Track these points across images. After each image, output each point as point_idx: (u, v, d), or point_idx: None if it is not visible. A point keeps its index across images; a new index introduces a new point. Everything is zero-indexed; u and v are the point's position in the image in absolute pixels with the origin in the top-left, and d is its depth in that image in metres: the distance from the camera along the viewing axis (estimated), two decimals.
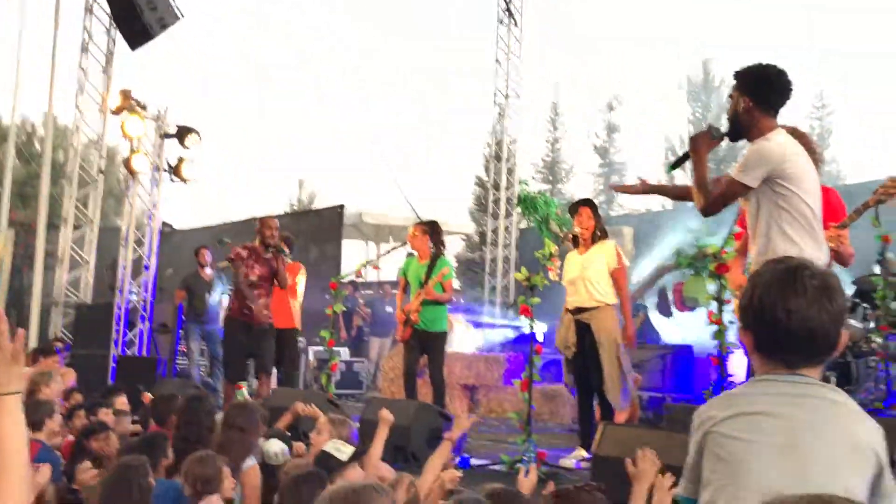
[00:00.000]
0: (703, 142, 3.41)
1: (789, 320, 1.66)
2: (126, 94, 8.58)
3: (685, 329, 10.02)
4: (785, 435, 1.62)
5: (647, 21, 49.28)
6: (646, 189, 3.95)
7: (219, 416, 3.91)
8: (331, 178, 53.07)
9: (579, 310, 5.70)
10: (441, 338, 6.81)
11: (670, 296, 11.05)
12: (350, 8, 56.46)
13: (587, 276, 5.66)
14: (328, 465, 3.17)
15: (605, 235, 5.85)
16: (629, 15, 48.29)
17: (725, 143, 3.62)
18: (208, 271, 9.44)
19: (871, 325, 6.88)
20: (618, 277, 5.68)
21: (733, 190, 3.36)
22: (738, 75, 3.41)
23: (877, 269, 6.60)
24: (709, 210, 3.41)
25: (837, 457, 1.60)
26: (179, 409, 3.85)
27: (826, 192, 4.13)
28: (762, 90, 3.35)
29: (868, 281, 6.86)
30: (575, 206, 6.00)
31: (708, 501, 1.66)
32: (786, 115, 3.45)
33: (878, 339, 6.62)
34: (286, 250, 7.24)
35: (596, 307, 5.62)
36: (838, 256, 3.68)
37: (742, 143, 3.53)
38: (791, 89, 3.37)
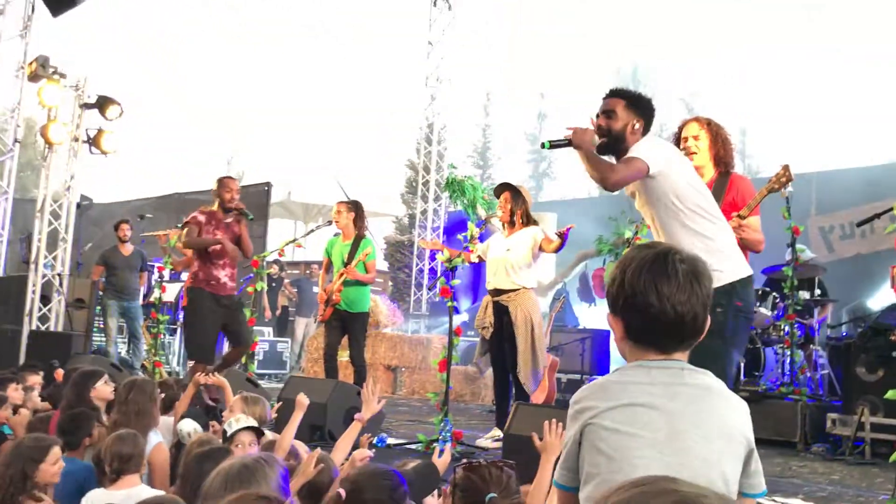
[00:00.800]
0: (583, 137, 3.32)
1: (662, 305, 1.66)
2: (44, 62, 8.29)
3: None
4: (665, 429, 1.64)
5: (581, 12, 49.74)
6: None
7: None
8: (261, 156, 52.14)
9: (498, 291, 5.80)
10: (362, 318, 6.81)
11: (591, 282, 11.29)
12: None
13: (509, 259, 5.74)
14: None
15: (529, 220, 5.92)
16: (563, 4, 48.67)
17: None
18: (128, 246, 9.23)
19: (780, 313, 7.17)
20: (545, 247, 5.76)
21: (634, 167, 3.28)
22: (633, 98, 3.45)
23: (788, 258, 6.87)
24: (607, 187, 3.37)
25: (715, 447, 1.65)
26: (119, 393, 3.79)
27: (740, 179, 4.29)
28: (649, 117, 3.45)
29: (778, 271, 7.14)
30: (498, 191, 6.06)
31: (590, 495, 1.64)
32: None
33: (786, 327, 6.91)
34: (249, 214, 6.50)
35: (514, 290, 5.73)
36: (743, 243, 3.80)
37: None
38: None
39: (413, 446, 5.37)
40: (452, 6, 14.90)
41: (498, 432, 5.51)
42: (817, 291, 7.75)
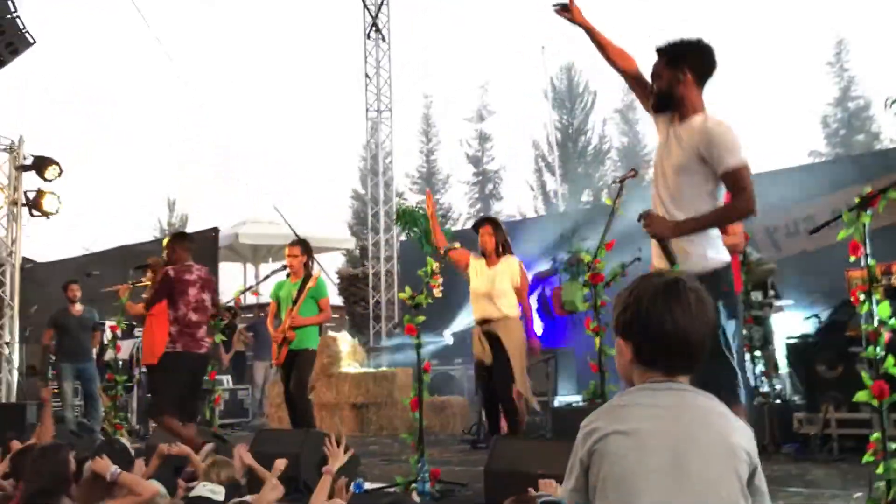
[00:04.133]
0: (662, 226, 3.24)
1: (675, 332, 1.76)
2: None
3: (563, 331, 10.34)
4: (670, 455, 1.70)
5: (513, 29, 50.45)
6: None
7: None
8: (202, 197, 51.46)
9: (486, 321, 6.00)
10: (306, 355, 6.67)
11: (550, 301, 11.34)
12: (216, 21, 55.14)
13: (496, 289, 6.00)
14: None
15: (508, 249, 6.22)
16: (495, 24, 49.27)
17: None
18: (78, 307, 9.00)
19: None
20: (521, 292, 6.08)
21: (747, 174, 3.19)
22: (670, 49, 3.36)
23: None
24: (753, 208, 3.21)
25: (719, 470, 1.71)
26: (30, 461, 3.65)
27: None
28: (699, 61, 3.34)
29: None
30: (477, 225, 6.35)
31: None
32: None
33: (744, 332, 7.02)
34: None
35: (503, 318, 5.97)
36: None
37: None
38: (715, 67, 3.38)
39: (391, 490, 5.30)
40: (386, 37, 15.00)
41: None
42: (770, 292, 7.90)
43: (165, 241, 6.57)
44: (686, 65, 3.32)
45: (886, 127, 25.46)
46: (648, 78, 3.48)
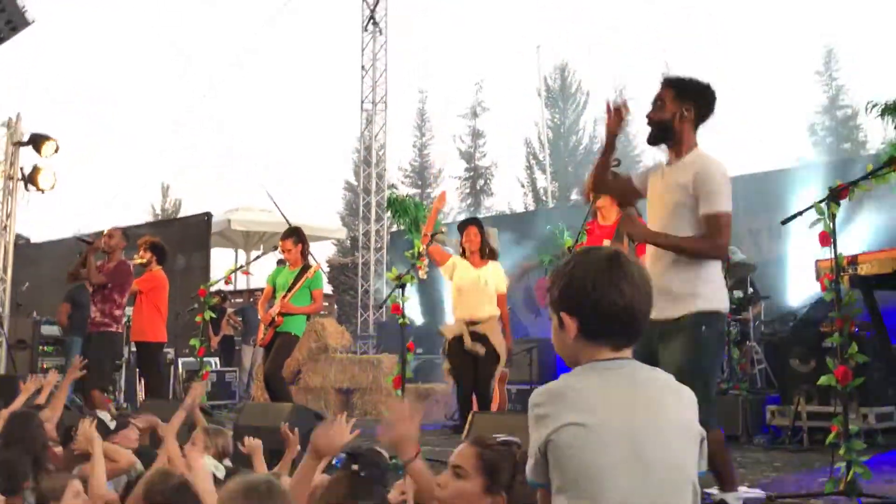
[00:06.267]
0: (631, 226, 3.39)
1: (624, 304, 1.77)
2: None
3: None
4: (628, 445, 1.70)
5: (509, 28, 50.57)
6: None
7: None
8: (197, 183, 51.42)
9: (475, 321, 6.09)
10: (288, 338, 6.75)
11: (534, 293, 11.51)
12: (214, 10, 55.05)
13: (486, 291, 6.13)
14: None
15: (493, 254, 6.38)
16: (492, 22, 49.42)
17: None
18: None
19: None
20: (501, 300, 6.23)
21: (726, 222, 3.27)
22: (681, 83, 3.42)
23: None
24: (724, 253, 3.37)
25: (678, 453, 1.75)
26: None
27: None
28: (705, 103, 3.42)
29: None
30: (463, 225, 6.43)
31: None
32: None
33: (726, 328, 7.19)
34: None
35: (490, 318, 6.12)
36: None
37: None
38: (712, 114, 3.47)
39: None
40: (384, 31, 15.10)
41: None
42: (749, 290, 8.08)
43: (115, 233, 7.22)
44: (692, 102, 3.39)
45: (873, 135, 25.69)
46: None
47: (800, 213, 3.83)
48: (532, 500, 2.10)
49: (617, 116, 3.44)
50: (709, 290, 3.30)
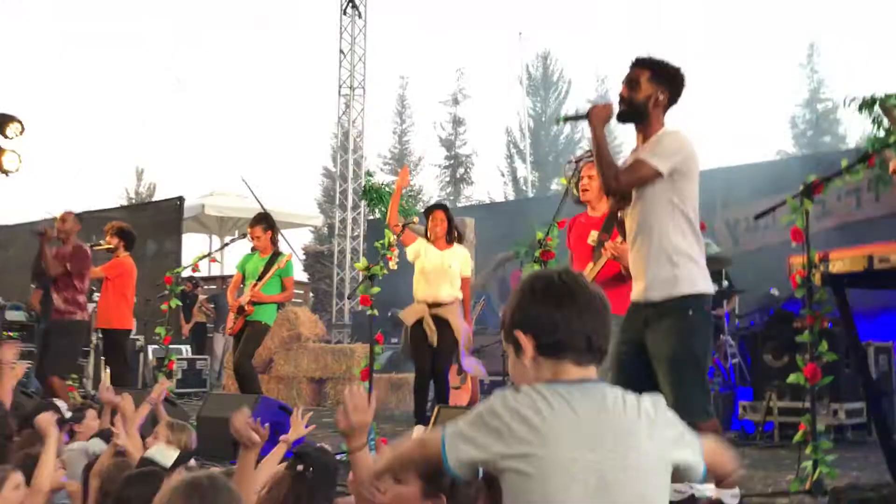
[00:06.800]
0: (603, 112, 3.30)
1: (578, 313, 1.72)
2: None
3: None
4: (595, 481, 1.62)
5: (491, 14, 50.43)
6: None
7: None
8: (172, 168, 50.99)
9: (437, 304, 6.04)
10: (258, 327, 6.66)
11: (510, 284, 11.44)
12: None
13: (449, 272, 6.11)
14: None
15: (460, 238, 6.38)
16: (473, 8, 49.20)
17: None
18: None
19: None
20: (465, 283, 6.23)
21: (644, 173, 3.22)
22: (656, 65, 3.35)
23: None
24: (619, 188, 3.28)
25: (646, 489, 1.66)
26: None
27: None
28: (677, 88, 3.37)
29: None
30: (430, 210, 6.39)
31: None
32: None
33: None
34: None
35: (452, 302, 6.08)
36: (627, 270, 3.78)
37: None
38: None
39: (339, 456, 5.34)
40: (363, 14, 14.93)
41: (422, 428, 5.57)
42: (724, 283, 8.05)
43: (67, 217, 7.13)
44: (667, 86, 3.34)
45: (852, 130, 25.86)
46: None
47: (772, 209, 3.77)
48: (475, 500, 2.03)
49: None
50: (692, 273, 3.26)
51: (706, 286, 3.30)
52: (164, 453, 3.25)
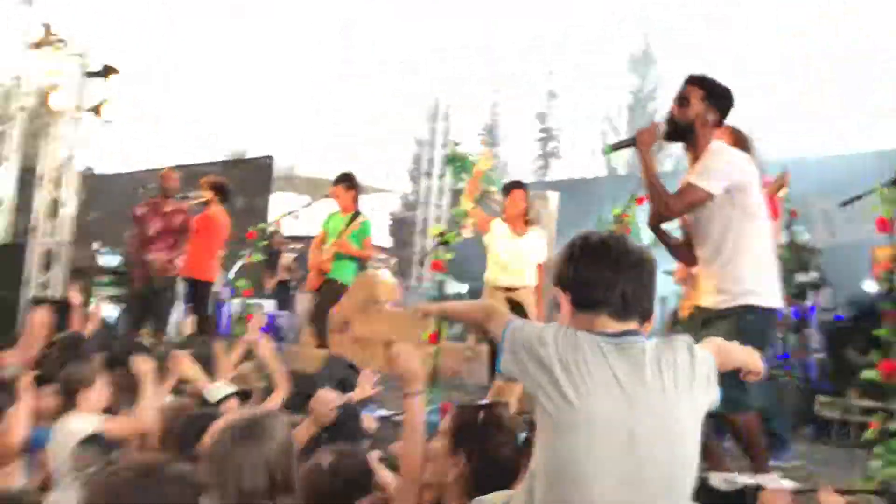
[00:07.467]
0: (649, 137, 3.28)
1: (607, 267, 1.80)
2: (48, 29, 8.33)
3: None
4: (625, 439, 1.65)
5: None
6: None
7: None
8: (265, 131, 52.10)
9: (512, 288, 6.01)
10: (335, 285, 6.82)
11: None
12: None
13: (527, 260, 6.03)
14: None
15: (536, 221, 6.37)
16: None
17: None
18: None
19: None
20: (541, 270, 6.10)
21: (696, 197, 3.21)
22: (707, 84, 3.32)
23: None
24: (668, 216, 3.31)
25: (675, 456, 1.69)
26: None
27: None
28: (726, 109, 3.34)
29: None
30: (509, 187, 6.22)
31: (534, 499, 1.69)
32: None
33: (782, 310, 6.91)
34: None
35: (528, 287, 6.04)
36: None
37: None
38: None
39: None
40: None
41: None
42: (814, 274, 7.74)
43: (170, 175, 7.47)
44: (717, 106, 3.31)
45: None
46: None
47: (858, 197, 3.60)
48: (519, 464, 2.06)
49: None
50: (761, 288, 3.28)
51: (773, 301, 3.30)
52: (214, 391, 3.39)
